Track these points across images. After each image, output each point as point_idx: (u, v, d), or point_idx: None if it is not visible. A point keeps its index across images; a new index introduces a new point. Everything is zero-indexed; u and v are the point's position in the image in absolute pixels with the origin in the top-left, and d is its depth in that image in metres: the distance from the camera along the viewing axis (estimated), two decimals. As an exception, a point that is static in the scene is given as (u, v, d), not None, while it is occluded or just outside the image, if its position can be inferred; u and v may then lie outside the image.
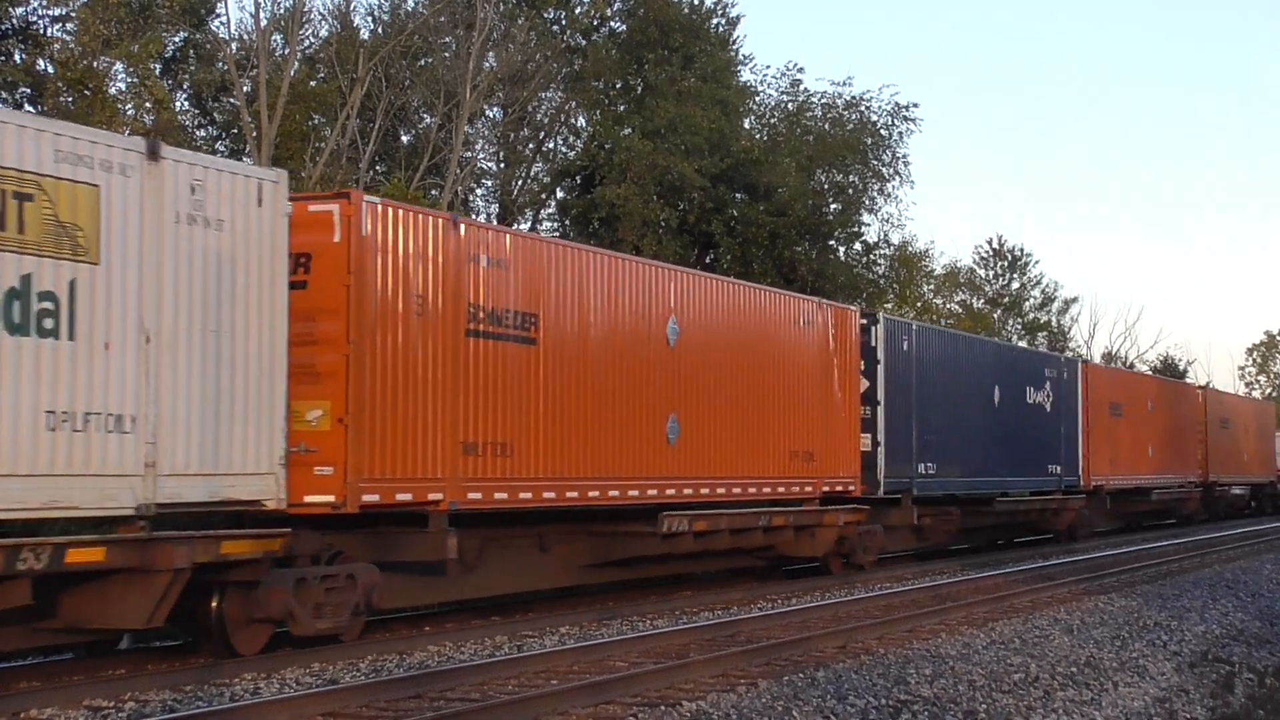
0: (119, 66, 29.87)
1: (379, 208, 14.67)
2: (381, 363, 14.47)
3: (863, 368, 23.64)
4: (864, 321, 24.05)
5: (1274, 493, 55.18)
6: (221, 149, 34.76)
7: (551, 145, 42.22)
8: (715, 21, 41.16)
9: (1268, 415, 56.87)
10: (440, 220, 15.63)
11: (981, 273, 74.54)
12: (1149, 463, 38.65)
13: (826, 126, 41.76)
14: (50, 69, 28.90)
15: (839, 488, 23.05)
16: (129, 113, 29.18)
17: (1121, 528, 40.27)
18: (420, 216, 15.34)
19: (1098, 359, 77.76)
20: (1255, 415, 54.51)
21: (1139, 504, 39.13)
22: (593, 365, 17.74)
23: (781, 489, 21.60)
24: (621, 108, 39.62)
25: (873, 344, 23.96)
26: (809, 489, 22.19)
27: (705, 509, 19.64)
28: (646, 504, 18.58)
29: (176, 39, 33.85)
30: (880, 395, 24.01)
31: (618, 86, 40.32)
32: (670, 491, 19.00)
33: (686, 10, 39.75)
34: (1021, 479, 30.59)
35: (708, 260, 38.96)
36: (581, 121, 41.53)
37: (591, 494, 17.70)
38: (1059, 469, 32.49)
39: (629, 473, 18.26)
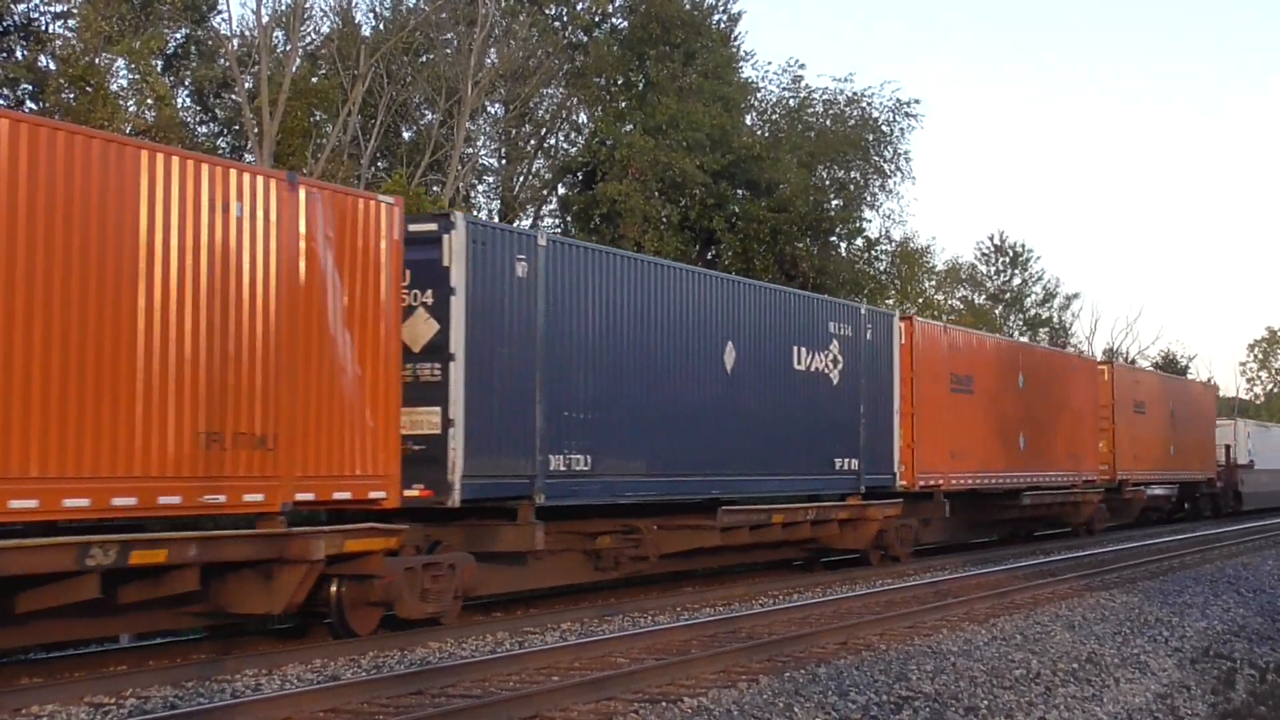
0: (121, 63, 29.88)
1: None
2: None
3: (429, 301, 15.76)
4: (428, 226, 15.87)
5: (1214, 493, 47.10)
6: (223, 146, 34.78)
7: (553, 141, 42.24)
8: (717, 18, 41.14)
9: (1206, 400, 48.16)
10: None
11: (983, 269, 74.61)
12: (1019, 457, 30.04)
13: (828, 123, 41.74)
14: (52, 65, 28.89)
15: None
16: (130, 109, 29.17)
17: (978, 542, 31.96)
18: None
19: (1099, 355, 77.75)
20: (1190, 400, 45.14)
21: (1003, 510, 30.75)
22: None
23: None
24: (623, 104, 39.60)
25: (445, 263, 15.70)
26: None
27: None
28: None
29: (178, 35, 33.83)
30: (457, 347, 15.73)
31: (619, 83, 40.29)
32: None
33: (688, 6, 39.70)
34: (780, 478, 22.10)
35: (709, 257, 38.95)
36: (583, 118, 41.53)
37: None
38: (856, 463, 23.88)
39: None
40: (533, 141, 41.59)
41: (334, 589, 14.45)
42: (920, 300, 54.65)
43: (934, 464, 26.25)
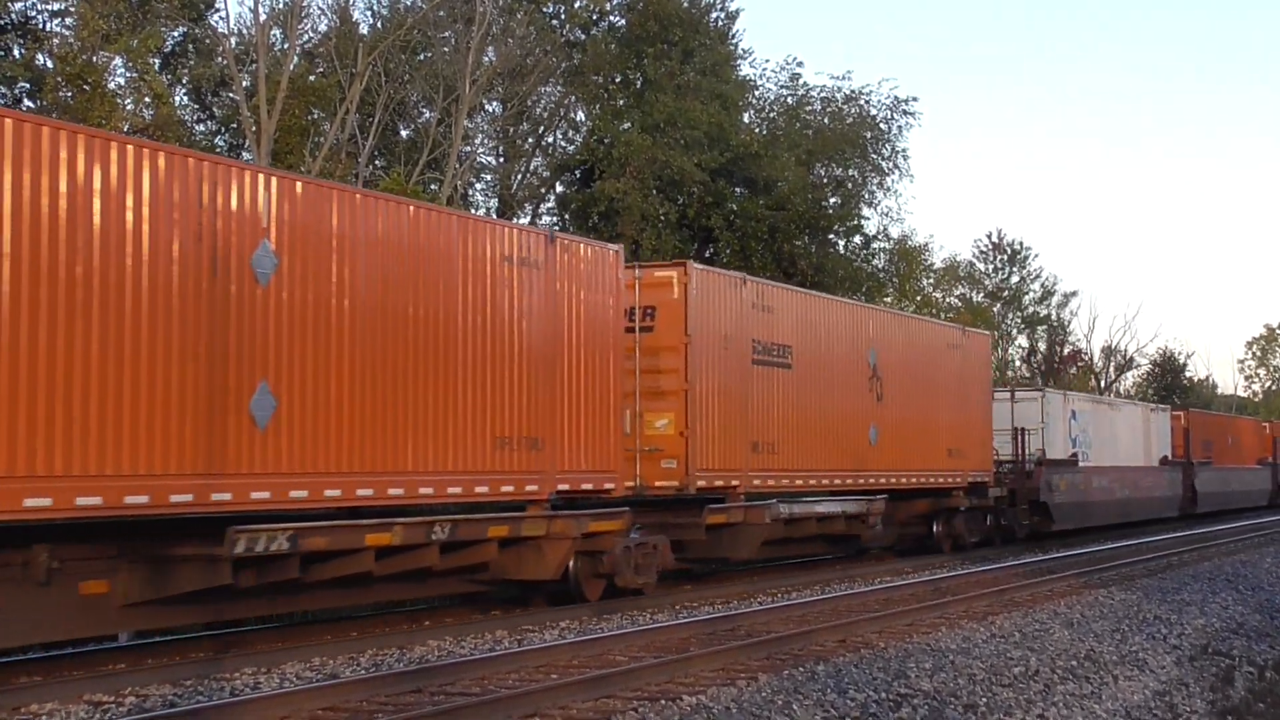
0: (118, 61, 29.87)
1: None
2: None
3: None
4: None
5: (990, 507, 29.76)
6: (220, 144, 34.77)
7: (551, 140, 42.25)
8: (714, 16, 41.17)
9: (972, 355, 28.79)
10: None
11: (981, 266, 74.64)
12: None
13: (826, 120, 41.76)
14: (49, 64, 28.88)
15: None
16: (128, 107, 29.17)
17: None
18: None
19: (1098, 353, 77.75)
20: (928, 348, 26.83)
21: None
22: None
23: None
24: (621, 102, 39.61)
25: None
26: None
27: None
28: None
29: (175, 34, 33.84)
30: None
31: (617, 81, 40.30)
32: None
33: (686, 4, 39.73)
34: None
35: (707, 255, 38.95)
36: (581, 116, 41.56)
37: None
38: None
39: None
40: (530, 139, 41.60)
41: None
42: (919, 298, 54.67)
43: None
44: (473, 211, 35.45)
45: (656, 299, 19.54)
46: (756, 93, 42.82)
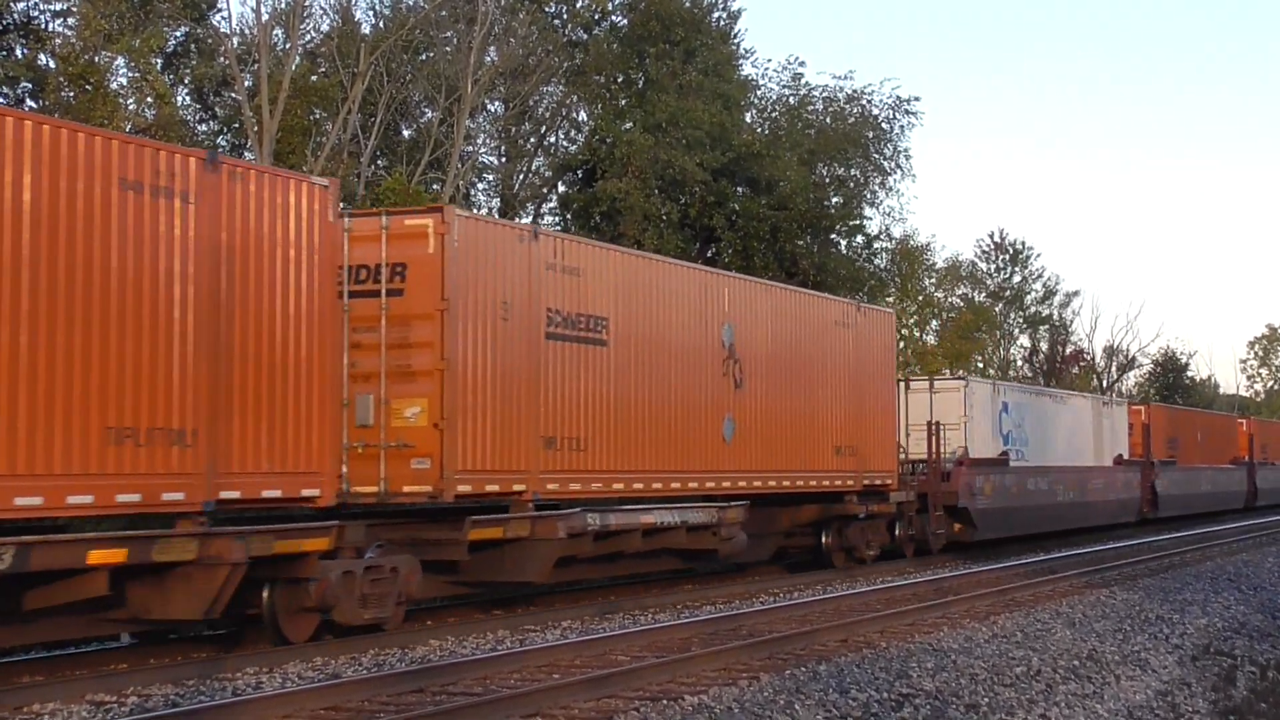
0: (120, 61, 29.88)
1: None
2: None
3: None
4: None
5: (894, 515, 25.60)
6: (223, 144, 34.77)
7: (553, 139, 42.26)
8: (716, 15, 41.16)
9: (873, 334, 24.80)
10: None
11: (983, 266, 74.58)
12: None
13: (828, 120, 41.77)
14: (51, 64, 28.89)
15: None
16: (130, 107, 29.18)
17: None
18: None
19: (1100, 353, 77.62)
20: (807, 323, 22.86)
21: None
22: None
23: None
24: (623, 102, 39.61)
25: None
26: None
27: None
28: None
29: (178, 34, 33.83)
30: None
31: (619, 80, 40.31)
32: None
33: (688, 4, 39.72)
34: None
35: (709, 254, 38.95)
36: (583, 116, 41.56)
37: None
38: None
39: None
40: (532, 139, 41.61)
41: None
42: (920, 297, 54.65)
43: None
44: (472, 210, 35.47)
45: (407, 254, 15.58)
46: (758, 92, 42.87)
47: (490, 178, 41.39)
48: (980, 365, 63.13)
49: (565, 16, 40.56)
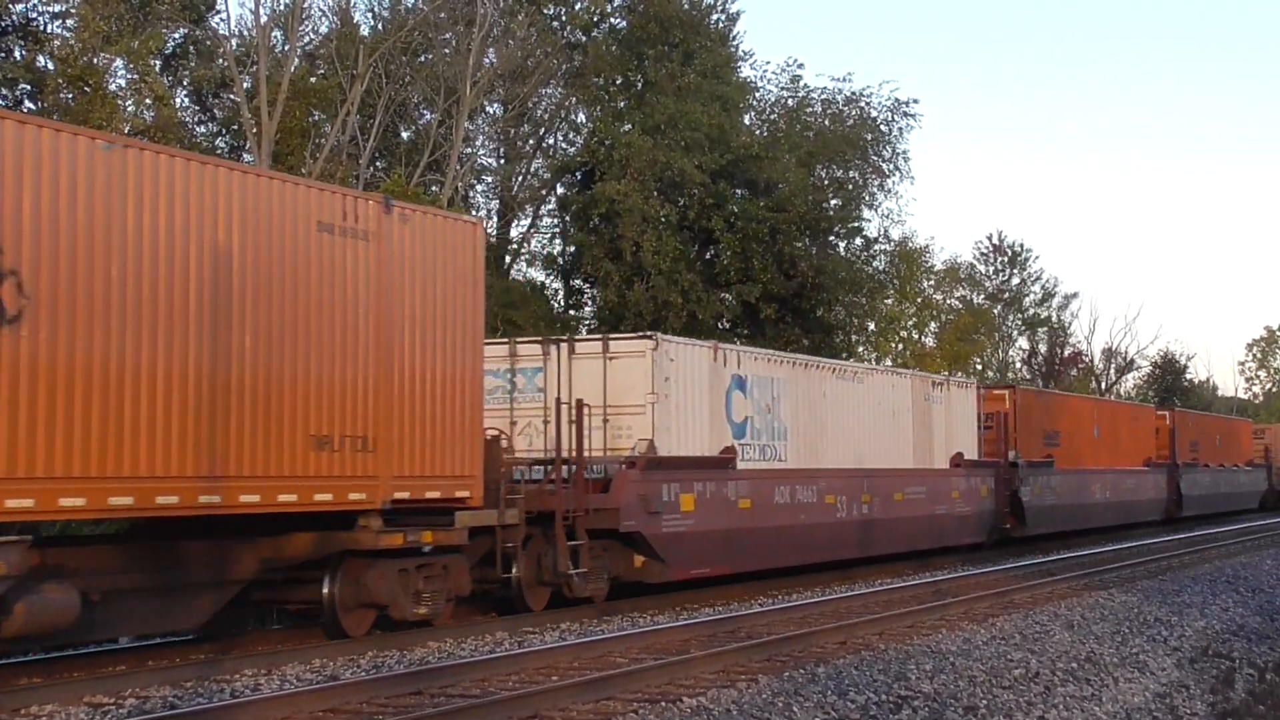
0: (119, 63, 29.86)
1: None
2: None
3: None
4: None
5: (449, 543, 16.07)
6: (221, 145, 34.77)
7: (551, 141, 42.25)
8: (715, 17, 41.16)
9: (436, 250, 16.17)
10: None
11: (982, 268, 74.62)
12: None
13: (826, 122, 41.75)
14: (50, 66, 28.87)
15: None
16: (129, 109, 29.16)
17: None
18: None
19: (1098, 355, 77.67)
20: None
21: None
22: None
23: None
24: (621, 104, 39.61)
25: None
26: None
27: None
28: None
29: (176, 35, 33.80)
30: None
31: (618, 82, 40.31)
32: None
33: (686, 6, 39.72)
34: None
35: (708, 256, 38.94)
36: (581, 117, 41.55)
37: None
38: None
39: None
40: (531, 141, 41.60)
41: None
42: (919, 300, 54.63)
43: None
44: (472, 212, 35.48)
45: None
46: (757, 94, 42.85)
47: (489, 179, 41.41)
48: (979, 367, 63.13)
49: (564, 18, 40.56)
